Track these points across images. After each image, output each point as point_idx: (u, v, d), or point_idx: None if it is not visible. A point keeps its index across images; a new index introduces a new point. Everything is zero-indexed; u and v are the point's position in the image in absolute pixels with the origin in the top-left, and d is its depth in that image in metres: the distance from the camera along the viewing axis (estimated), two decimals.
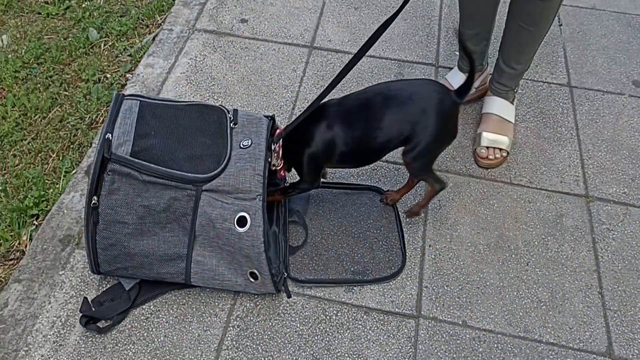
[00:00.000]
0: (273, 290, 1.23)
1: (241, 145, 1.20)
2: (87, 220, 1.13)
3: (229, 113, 1.26)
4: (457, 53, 1.64)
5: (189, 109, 1.24)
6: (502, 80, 1.56)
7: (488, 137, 1.55)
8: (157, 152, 1.14)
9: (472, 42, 1.56)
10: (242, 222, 1.15)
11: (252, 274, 1.20)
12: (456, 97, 1.21)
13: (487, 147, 1.55)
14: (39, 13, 2.08)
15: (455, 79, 1.64)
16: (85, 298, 1.22)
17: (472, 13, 1.51)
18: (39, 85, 1.82)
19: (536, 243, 1.41)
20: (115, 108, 1.18)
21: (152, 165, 1.12)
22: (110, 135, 1.13)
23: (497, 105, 1.59)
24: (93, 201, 1.12)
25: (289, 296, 1.28)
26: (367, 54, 1.86)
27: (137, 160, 1.12)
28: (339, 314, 1.26)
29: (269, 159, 1.21)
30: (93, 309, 1.20)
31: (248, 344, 1.21)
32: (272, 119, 1.28)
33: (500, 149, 1.55)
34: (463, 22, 1.54)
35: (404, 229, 1.41)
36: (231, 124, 1.24)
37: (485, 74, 1.69)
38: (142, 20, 2.05)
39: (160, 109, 1.22)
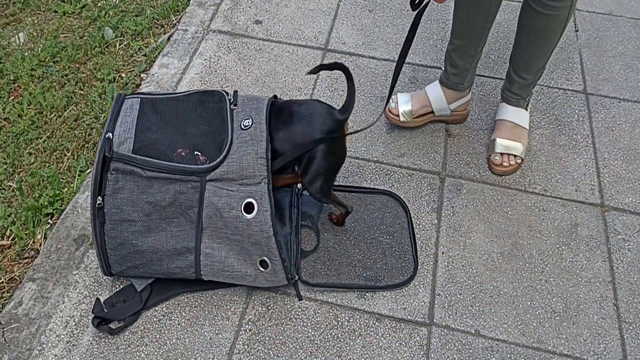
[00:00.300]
0: (284, 279, 1.22)
1: (242, 126, 1.19)
2: (94, 222, 1.14)
3: (228, 95, 1.25)
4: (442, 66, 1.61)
5: (189, 98, 1.24)
6: (512, 89, 1.55)
7: (502, 143, 1.54)
8: (159, 147, 1.15)
9: (458, 54, 1.52)
10: (249, 208, 1.15)
11: (262, 262, 1.19)
12: (339, 114, 1.21)
13: (502, 154, 1.54)
14: (56, 11, 2.09)
15: (434, 92, 1.61)
16: (98, 299, 1.23)
17: (462, 21, 1.47)
18: (54, 83, 1.83)
19: (550, 252, 1.40)
20: (117, 107, 1.19)
21: (154, 160, 1.12)
22: (110, 134, 1.13)
23: (510, 112, 1.58)
24: (98, 202, 1.12)
25: (299, 298, 1.27)
26: (381, 57, 1.88)
27: (139, 156, 1.12)
28: (350, 320, 1.25)
29: None
30: (105, 310, 1.21)
31: (259, 348, 1.21)
32: (274, 96, 1.27)
33: (515, 156, 1.54)
34: (453, 30, 1.51)
35: (416, 235, 1.40)
36: (231, 106, 1.23)
37: (465, 100, 1.62)
38: (157, 20, 2.06)
39: (160, 103, 1.22)
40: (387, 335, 1.23)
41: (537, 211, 1.48)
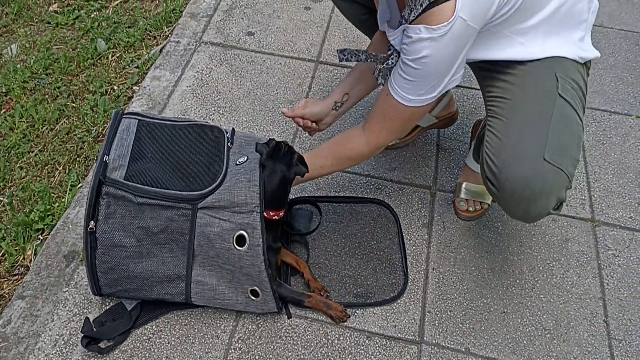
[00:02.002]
0: (275, 308, 1.23)
1: (237, 163, 1.19)
2: (86, 245, 1.13)
3: (227, 133, 1.25)
4: None
5: (187, 128, 1.24)
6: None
7: (469, 188, 1.48)
8: (152, 174, 1.14)
9: None
10: (240, 240, 1.14)
11: (253, 292, 1.19)
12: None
13: (467, 200, 1.48)
14: (49, 22, 2.09)
15: None
16: (87, 318, 1.22)
17: None
18: (47, 96, 1.83)
19: (541, 268, 1.40)
20: (114, 127, 1.18)
21: (146, 187, 1.12)
22: (107, 157, 1.12)
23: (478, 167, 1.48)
24: (90, 226, 1.11)
25: (289, 317, 1.27)
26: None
27: (130, 183, 1.11)
28: (341, 338, 1.25)
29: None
30: (94, 329, 1.20)
31: None
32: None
33: (481, 202, 1.48)
34: None
35: (407, 251, 1.40)
36: (228, 144, 1.23)
37: (446, 101, 1.57)
38: (150, 32, 2.06)
39: (157, 128, 1.21)
40: (377, 354, 1.23)
41: (527, 226, 1.48)
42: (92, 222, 1.11)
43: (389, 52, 1.16)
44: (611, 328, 1.29)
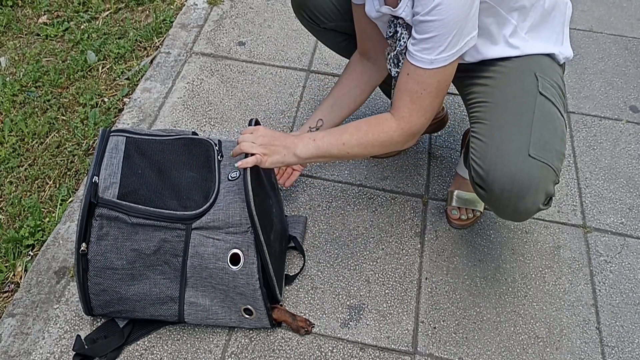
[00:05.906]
0: (268, 324, 1.23)
1: (229, 178, 1.18)
2: (78, 267, 1.12)
3: (215, 146, 1.25)
4: None
5: (176, 142, 1.23)
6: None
7: (461, 196, 1.47)
8: (145, 192, 1.13)
9: None
10: (235, 259, 1.14)
11: (247, 310, 1.19)
12: None
13: (459, 208, 1.48)
14: (38, 35, 2.08)
15: None
16: (78, 336, 1.21)
17: None
18: (36, 109, 1.82)
19: (533, 276, 1.40)
20: (102, 146, 1.17)
21: (140, 206, 1.10)
22: (97, 178, 1.11)
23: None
24: (82, 248, 1.10)
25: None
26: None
27: (124, 202, 1.10)
28: (334, 351, 1.25)
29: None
30: (86, 347, 1.19)
31: None
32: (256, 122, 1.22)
33: (473, 210, 1.47)
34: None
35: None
36: (218, 157, 1.22)
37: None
38: (140, 43, 2.05)
39: (146, 144, 1.20)
40: None
41: (519, 233, 1.48)
42: (83, 244, 1.10)
43: (398, 34, 1.11)
44: (604, 335, 1.30)
